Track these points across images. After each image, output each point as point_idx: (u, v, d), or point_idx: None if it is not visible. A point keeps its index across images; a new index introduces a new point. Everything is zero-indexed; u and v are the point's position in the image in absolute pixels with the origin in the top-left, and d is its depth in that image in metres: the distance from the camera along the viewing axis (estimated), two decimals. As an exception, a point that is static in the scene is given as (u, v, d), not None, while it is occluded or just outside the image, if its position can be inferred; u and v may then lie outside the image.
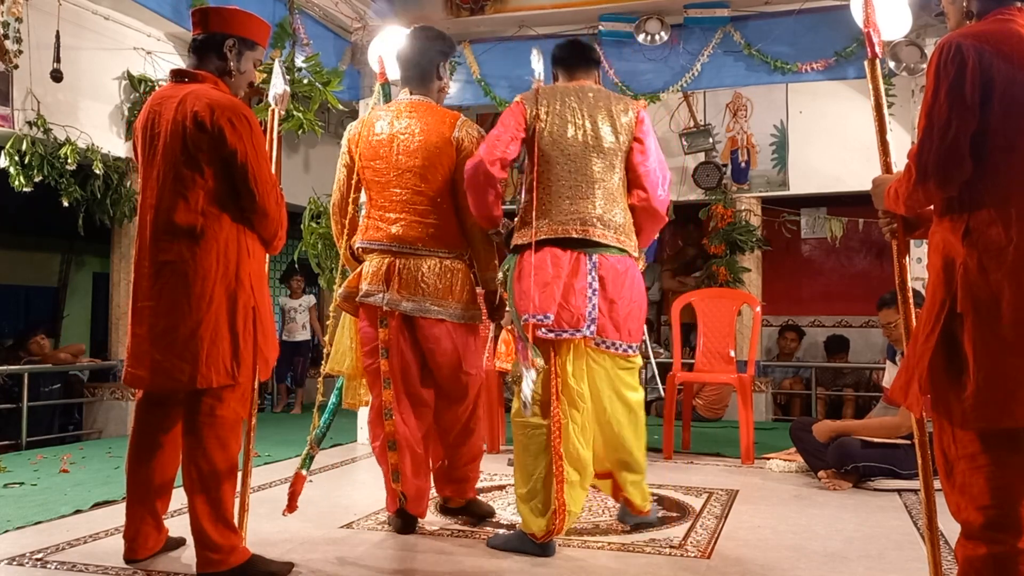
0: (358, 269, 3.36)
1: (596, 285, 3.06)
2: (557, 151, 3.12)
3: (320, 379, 3.41)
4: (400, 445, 3.22)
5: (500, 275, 3.28)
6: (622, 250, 3.15)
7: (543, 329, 3.01)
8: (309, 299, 8.30)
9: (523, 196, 3.24)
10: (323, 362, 3.54)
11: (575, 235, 3.07)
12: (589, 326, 3.04)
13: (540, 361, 2.98)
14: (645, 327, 3.61)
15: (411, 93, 3.40)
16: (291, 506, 3.21)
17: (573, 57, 3.33)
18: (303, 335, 8.23)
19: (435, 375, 3.31)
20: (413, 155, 3.25)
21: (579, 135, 3.13)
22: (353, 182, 3.45)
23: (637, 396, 3.22)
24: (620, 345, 3.13)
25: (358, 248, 3.39)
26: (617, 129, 3.16)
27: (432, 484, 3.47)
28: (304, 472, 3.27)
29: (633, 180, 3.22)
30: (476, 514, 3.51)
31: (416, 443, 3.28)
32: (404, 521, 3.31)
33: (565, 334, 3.03)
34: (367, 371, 3.36)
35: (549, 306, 3.01)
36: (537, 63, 3.34)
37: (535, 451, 3.04)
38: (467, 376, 3.35)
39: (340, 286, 3.45)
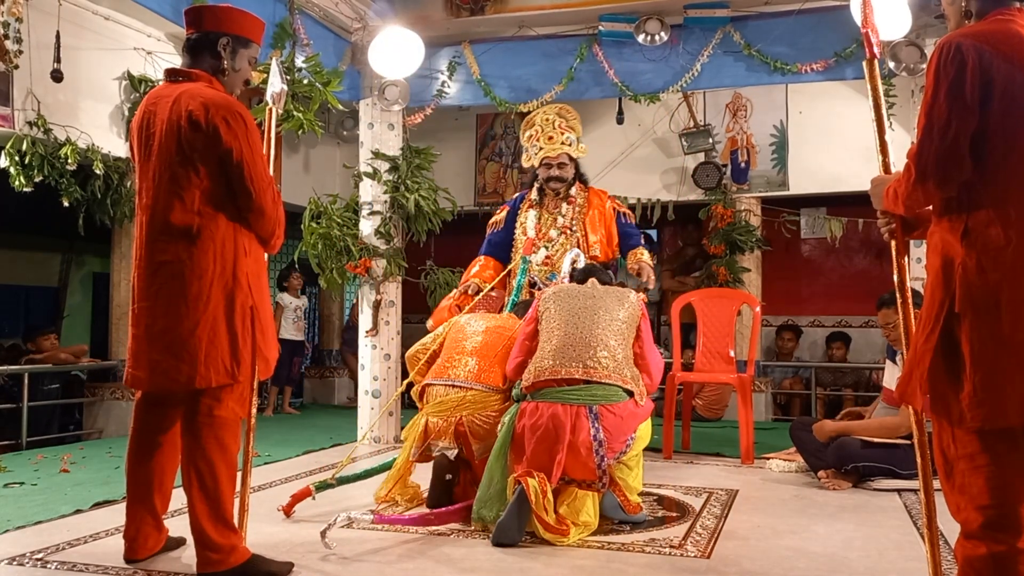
0: (416, 424, 3.65)
1: (602, 437, 3.18)
2: (563, 322, 3.42)
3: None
4: None
5: (501, 423, 3.41)
6: (626, 391, 3.28)
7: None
8: (304, 300, 8.24)
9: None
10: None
11: (577, 376, 3.25)
12: (602, 478, 3.20)
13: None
14: None
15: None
16: (287, 508, 3.57)
17: (586, 276, 3.79)
18: (301, 335, 8.19)
19: None
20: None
21: (586, 319, 3.41)
22: None
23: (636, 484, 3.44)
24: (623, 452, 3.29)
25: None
26: (617, 317, 3.45)
27: None
28: (313, 490, 3.65)
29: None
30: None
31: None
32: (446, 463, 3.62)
33: (574, 484, 3.24)
34: None
35: (555, 469, 3.16)
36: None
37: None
38: None
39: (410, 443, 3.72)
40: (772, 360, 8.04)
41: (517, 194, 4.87)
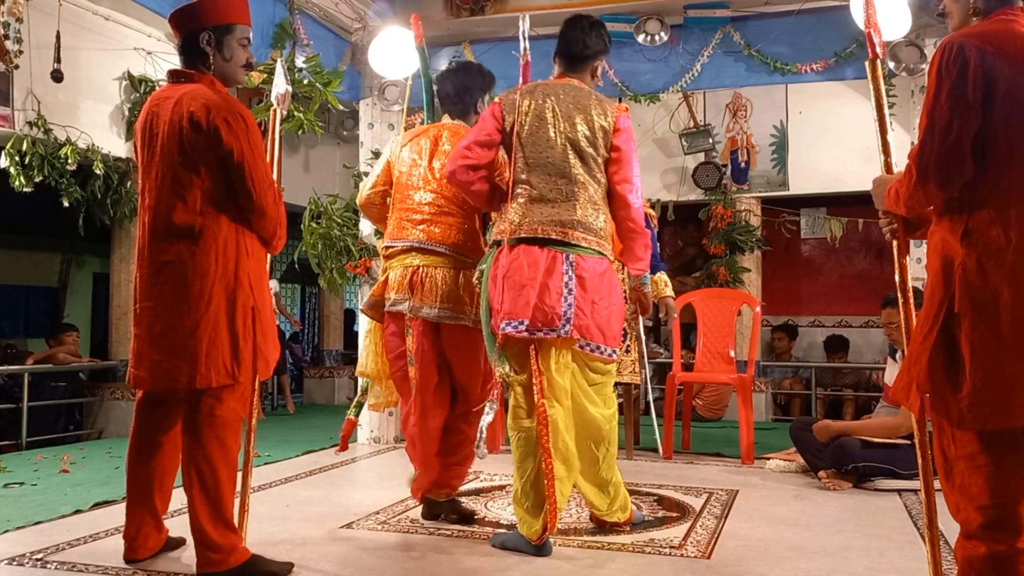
0: (382, 278, 3.53)
1: (573, 285, 3.05)
2: (535, 153, 3.13)
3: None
4: (414, 445, 3.43)
5: (477, 272, 3.28)
6: (601, 253, 3.14)
7: (520, 330, 3.00)
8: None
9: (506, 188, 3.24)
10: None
11: (554, 236, 3.06)
12: (564, 325, 3.01)
13: (503, 368, 3.08)
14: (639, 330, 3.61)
15: (452, 118, 3.64)
16: (343, 446, 3.79)
17: (571, 54, 3.36)
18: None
19: (454, 374, 3.44)
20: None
21: (558, 139, 3.13)
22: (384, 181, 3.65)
23: (607, 412, 3.19)
24: (601, 348, 3.11)
25: (384, 248, 3.54)
26: (595, 133, 3.14)
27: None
28: (353, 417, 3.77)
29: (611, 193, 3.19)
30: (459, 512, 3.51)
31: (430, 442, 3.40)
32: (428, 506, 3.51)
33: (539, 333, 3.01)
34: (394, 377, 3.54)
35: (524, 311, 3.00)
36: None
37: (525, 453, 3.06)
38: (481, 374, 3.44)
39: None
40: (772, 360, 8.05)
41: None
